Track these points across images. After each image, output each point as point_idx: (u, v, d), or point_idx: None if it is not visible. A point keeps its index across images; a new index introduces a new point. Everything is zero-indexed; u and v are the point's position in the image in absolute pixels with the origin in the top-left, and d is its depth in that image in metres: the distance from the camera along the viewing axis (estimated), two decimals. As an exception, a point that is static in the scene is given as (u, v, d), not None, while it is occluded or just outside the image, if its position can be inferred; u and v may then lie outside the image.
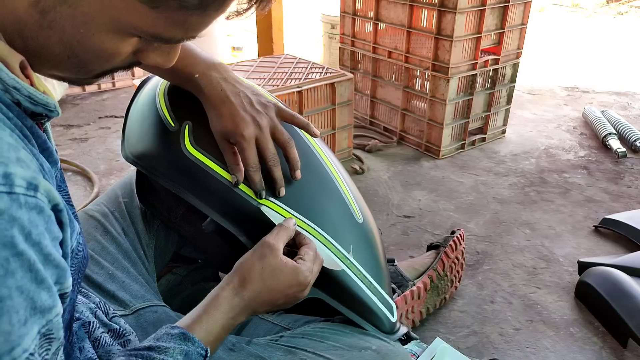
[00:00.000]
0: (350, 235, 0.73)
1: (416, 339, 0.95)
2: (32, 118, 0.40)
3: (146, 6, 0.36)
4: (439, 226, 1.43)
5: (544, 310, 1.13)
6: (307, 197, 0.72)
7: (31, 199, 0.33)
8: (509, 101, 1.96)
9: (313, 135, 0.74)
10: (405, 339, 0.84)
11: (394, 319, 0.75)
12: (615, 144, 1.86)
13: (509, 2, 1.72)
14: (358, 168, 1.70)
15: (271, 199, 0.68)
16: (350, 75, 1.61)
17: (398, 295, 1.00)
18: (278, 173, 0.67)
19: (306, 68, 1.67)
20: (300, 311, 0.79)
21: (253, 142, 0.65)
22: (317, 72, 1.62)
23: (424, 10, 1.72)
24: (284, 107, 0.71)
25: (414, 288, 1.03)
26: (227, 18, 0.44)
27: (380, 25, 1.89)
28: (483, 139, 1.95)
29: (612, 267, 1.14)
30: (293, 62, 1.73)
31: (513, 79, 1.93)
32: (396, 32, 1.83)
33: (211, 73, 0.68)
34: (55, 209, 0.36)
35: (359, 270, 0.71)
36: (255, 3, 0.42)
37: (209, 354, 0.52)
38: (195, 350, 0.51)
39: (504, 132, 2.03)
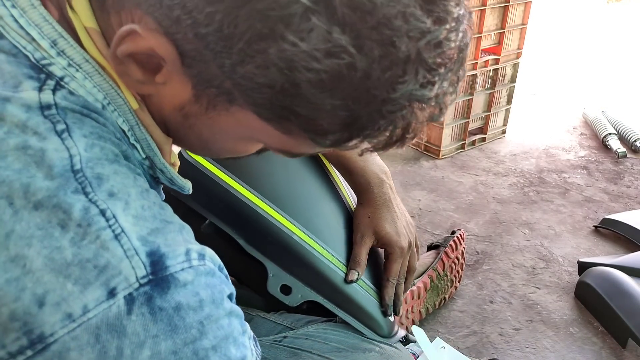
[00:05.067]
0: (350, 243, 0.73)
1: (414, 342, 0.95)
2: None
3: (279, 132, 0.37)
4: (438, 226, 1.43)
5: (544, 310, 1.14)
6: (310, 207, 0.72)
7: (204, 267, 0.36)
8: (509, 101, 1.96)
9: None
10: (405, 341, 0.84)
11: (391, 321, 0.75)
12: (615, 144, 1.86)
13: (509, 2, 1.72)
14: (358, 168, 1.70)
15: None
16: (351, 75, 1.61)
17: (398, 296, 1.00)
18: (401, 290, 0.73)
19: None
20: (301, 311, 0.79)
21: (407, 258, 0.71)
22: (317, 72, 1.62)
23: (424, 10, 1.72)
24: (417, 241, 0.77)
25: (414, 288, 1.03)
26: (361, 155, 0.48)
27: (381, 25, 1.89)
28: (483, 139, 1.95)
29: (611, 267, 1.14)
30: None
31: (513, 79, 1.93)
32: (396, 32, 1.83)
33: (382, 177, 0.73)
34: (220, 268, 0.39)
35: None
36: (391, 145, 0.39)
37: None
38: None
39: (504, 132, 2.03)
